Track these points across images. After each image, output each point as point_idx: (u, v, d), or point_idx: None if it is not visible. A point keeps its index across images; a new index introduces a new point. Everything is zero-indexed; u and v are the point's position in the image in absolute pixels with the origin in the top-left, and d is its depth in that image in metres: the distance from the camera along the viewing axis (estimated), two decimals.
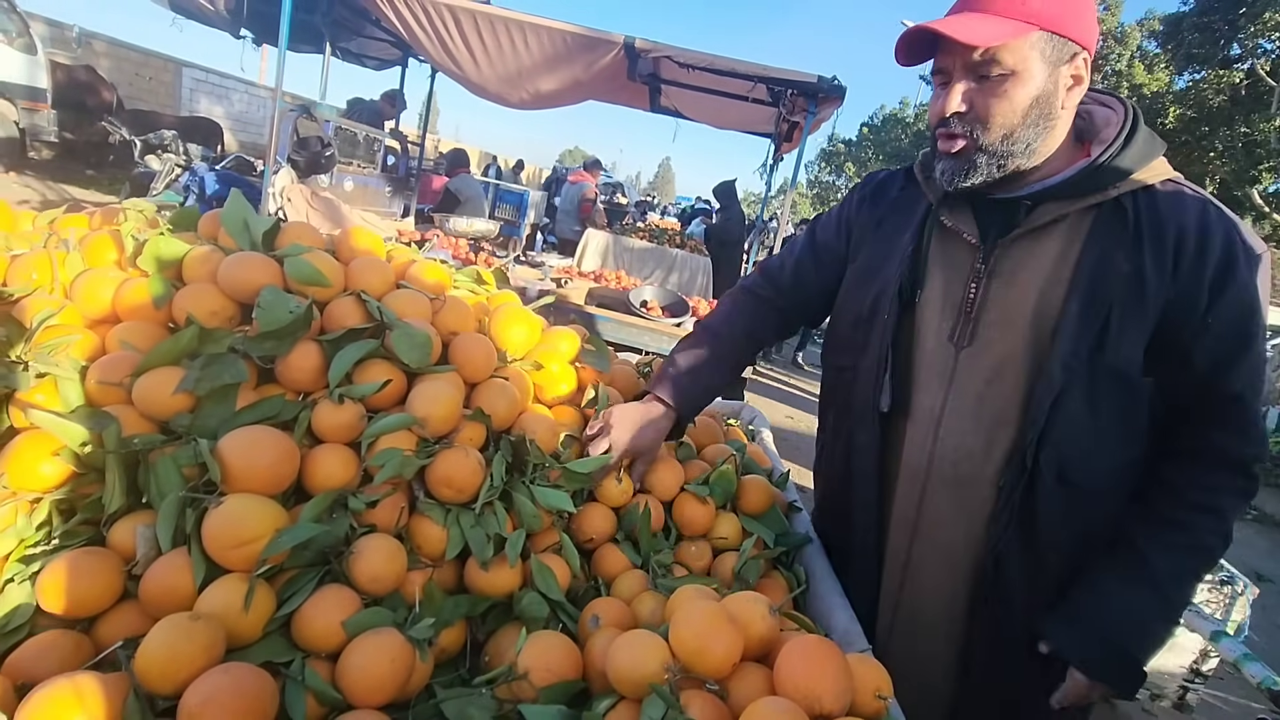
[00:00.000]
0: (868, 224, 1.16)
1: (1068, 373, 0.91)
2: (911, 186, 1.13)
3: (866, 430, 1.09)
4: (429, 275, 1.17)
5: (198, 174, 4.45)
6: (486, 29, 3.87)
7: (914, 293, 1.04)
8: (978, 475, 0.99)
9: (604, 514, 1.09)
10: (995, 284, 0.98)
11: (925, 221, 1.06)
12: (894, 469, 1.08)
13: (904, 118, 29.76)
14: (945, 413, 1.01)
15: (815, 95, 3.89)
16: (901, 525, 1.07)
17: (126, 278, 0.98)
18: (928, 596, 1.07)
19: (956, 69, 0.92)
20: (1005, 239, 0.98)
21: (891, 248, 1.09)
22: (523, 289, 3.79)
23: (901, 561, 1.08)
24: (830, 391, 1.23)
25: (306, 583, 0.77)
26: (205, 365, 0.85)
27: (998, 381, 0.97)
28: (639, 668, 0.71)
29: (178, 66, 12.71)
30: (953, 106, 0.93)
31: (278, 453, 0.81)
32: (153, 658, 0.63)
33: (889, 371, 1.04)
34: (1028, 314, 0.95)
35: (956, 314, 1.01)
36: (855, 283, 1.14)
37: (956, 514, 1.02)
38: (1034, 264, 0.96)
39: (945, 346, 1.02)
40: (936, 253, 1.04)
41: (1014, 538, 0.97)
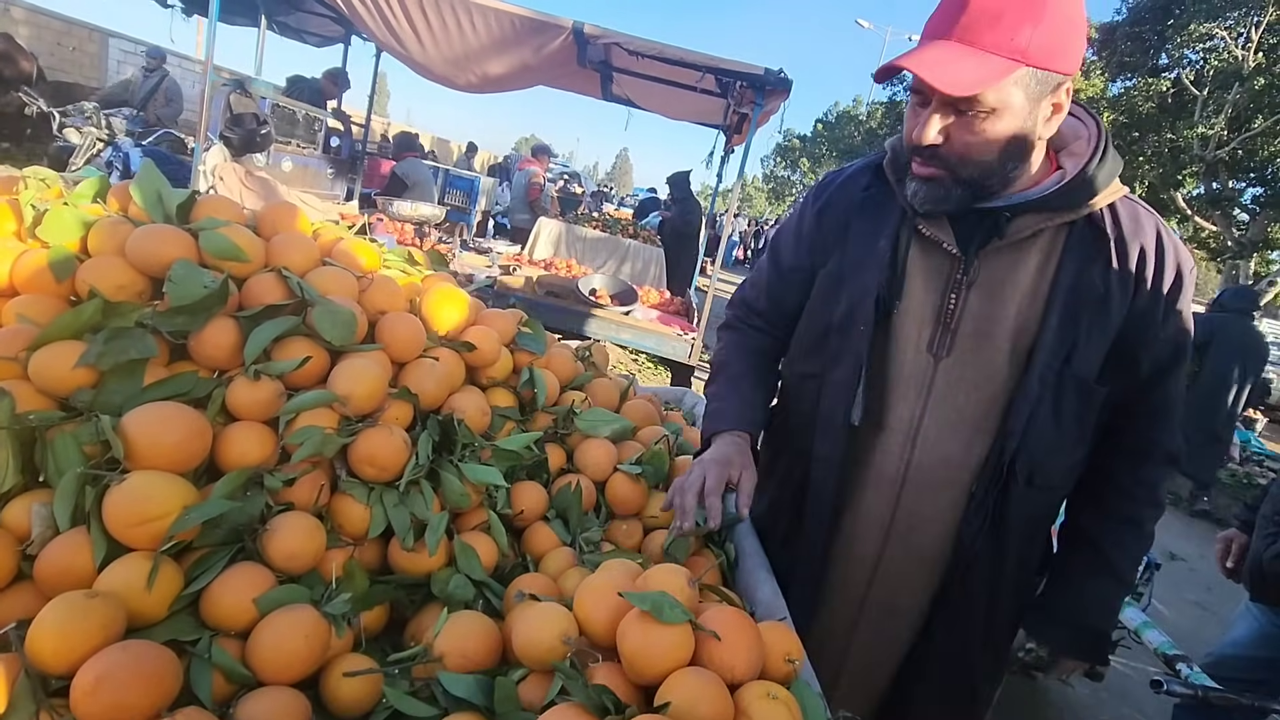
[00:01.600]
0: (831, 230, 1.11)
1: (1043, 385, 0.95)
2: (880, 185, 1.07)
3: (829, 442, 1.06)
4: (356, 253, 1.14)
5: (121, 149, 4.21)
6: (431, 8, 3.77)
7: (892, 303, 1.02)
8: (953, 480, 1.02)
9: (536, 492, 1.10)
10: (975, 295, 0.98)
11: (900, 227, 1.03)
12: (858, 477, 1.07)
13: (857, 114, 30.39)
14: (924, 422, 1.01)
15: (762, 88, 3.93)
16: (872, 530, 1.08)
17: (25, 249, 0.93)
18: (896, 595, 1.10)
19: (935, 97, 0.88)
20: (986, 250, 0.97)
21: (865, 254, 1.04)
22: (469, 276, 3.73)
23: (871, 563, 1.09)
24: (789, 398, 1.18)
25: (217, 561, 0.76)
26: (109, 339, 0.82)
27: (976, 392, 0.99)
28: (538, 641, 0.73)
29: (103, 36, 11.95)
30: (929, 139, 0.89)
31: (187, 429, 0.79)
32: (45, 636, 0.61)
33: (863, 384, 1.01)
34: (1009, 327, 0.97)
35: (935, 324, 1.00)
36: (827, 289, 1.09)
37: (930, 518, 1.04)
38: (1014, 277, 0.97)
39: (923, 356, 1.01)
40: (915, 262, 1.02)
41: (983, 536, 1.02)
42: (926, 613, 1.10)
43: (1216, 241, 14.11)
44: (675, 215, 7.51)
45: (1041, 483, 1.00)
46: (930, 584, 1.08)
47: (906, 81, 0.98)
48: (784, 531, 1.16)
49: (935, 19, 0.89)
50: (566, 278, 4.33)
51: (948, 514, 1.04)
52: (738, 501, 1.01)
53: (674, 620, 0.71)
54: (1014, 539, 1.03)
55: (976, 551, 1.03)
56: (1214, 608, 3.98)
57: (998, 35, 0.82)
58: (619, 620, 0.75)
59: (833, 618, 1.14)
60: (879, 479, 1.06)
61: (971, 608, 1.07)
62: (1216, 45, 12.73)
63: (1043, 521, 1.08)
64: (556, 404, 1.29)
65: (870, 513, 1.07)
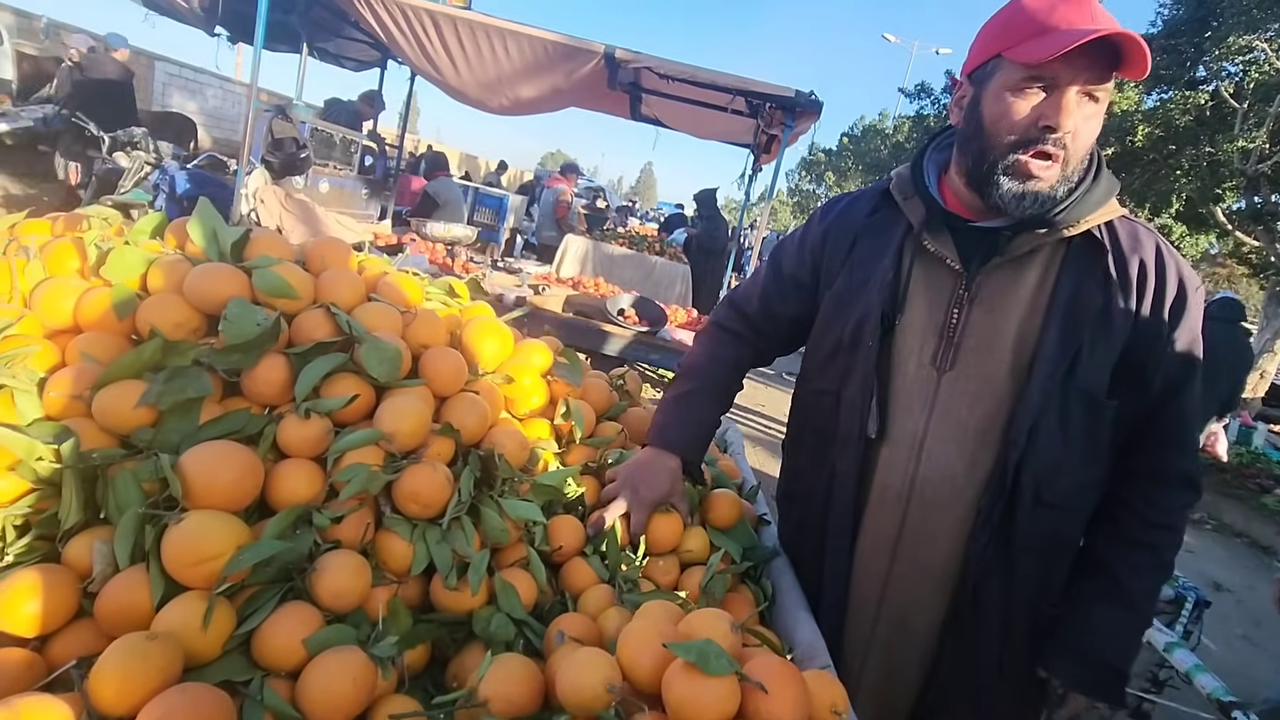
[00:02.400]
0: (838, 250, 1.14)
1: (1045, 396, 0.96)
2: (886, 208, 1.11)
3: (848, 456, 1.09)
4: (401, 287, 1.16)
5: (168, 173, 4.36)
6: (466, 35, 3.86)
7: (895, 317, 1.05)
8: (959, 496, 1.02)
9: (574, 526, 1.10)
10: (977, 310, 1.01)
11: (903, 245, 1.07)
12: (869, 491, 1.09)
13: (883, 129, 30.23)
14: (929, 436, 1.03)
15: (793, 109, 3.94)
16: (880, 545, 1.08)
17: (89, 287, 0.97)
18: (906, 613, 1.09)
19: (1073, 84, 0.87)
20: (987, 266, 1.00)
21: (869, 272, 1.08)
22: (499, 296, 3.78)
23: (881, 580, 1.09)
24: (808, 416, 1.21)
25: (268, 600, 0.77)
26: (169, 379, 0.84)
27: (979, 405, 1.00)
28: (581, 687, 0.72)
29: (150, 60, 12.45)
30: (1069, 120, 0.88)
31: (241, 468, 0.80)
32: (107, 678, 0.62)
33: (874, 397, 1.04)
34: (1009, 341, 0.99)
35: (939, 338, 1.03)
36: (834, 308, 1.13)
37: (937, 534, 1.04)
38: (1015, 292, 0.99)
39: (927, 370, 1.03)
40: (919, 277, 1.05)
41: (992, 555, 1.01)
42: (939, 635, 1.08)
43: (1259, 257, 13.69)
44: (702, 232, 7.53)
45: (1051, 500, 0.99)
46: (940, 604, 1.07)
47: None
48: (812, 552, 1.16)
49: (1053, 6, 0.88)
50: (594, 297, 4.35)
51: (955, 530, 1.03)
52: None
53: (720, 671, 0.70)
54: (1025, 560, 1.01)
55: (985, 570, 1.01)
56: (1264, 643, 3.81)
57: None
58: (663, 667, 0.74)
59: (848, 639, 1.13)
60: (885, 493, 1.07)
61: (984, 632, 1.05)
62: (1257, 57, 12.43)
63: (1058, 545, 1.06)
64: (593, 435, 1.30)
65: (878, 528, 1.08)
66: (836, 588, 1.13)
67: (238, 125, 13.97)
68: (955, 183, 1.06)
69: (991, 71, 0.94)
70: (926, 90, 18.67)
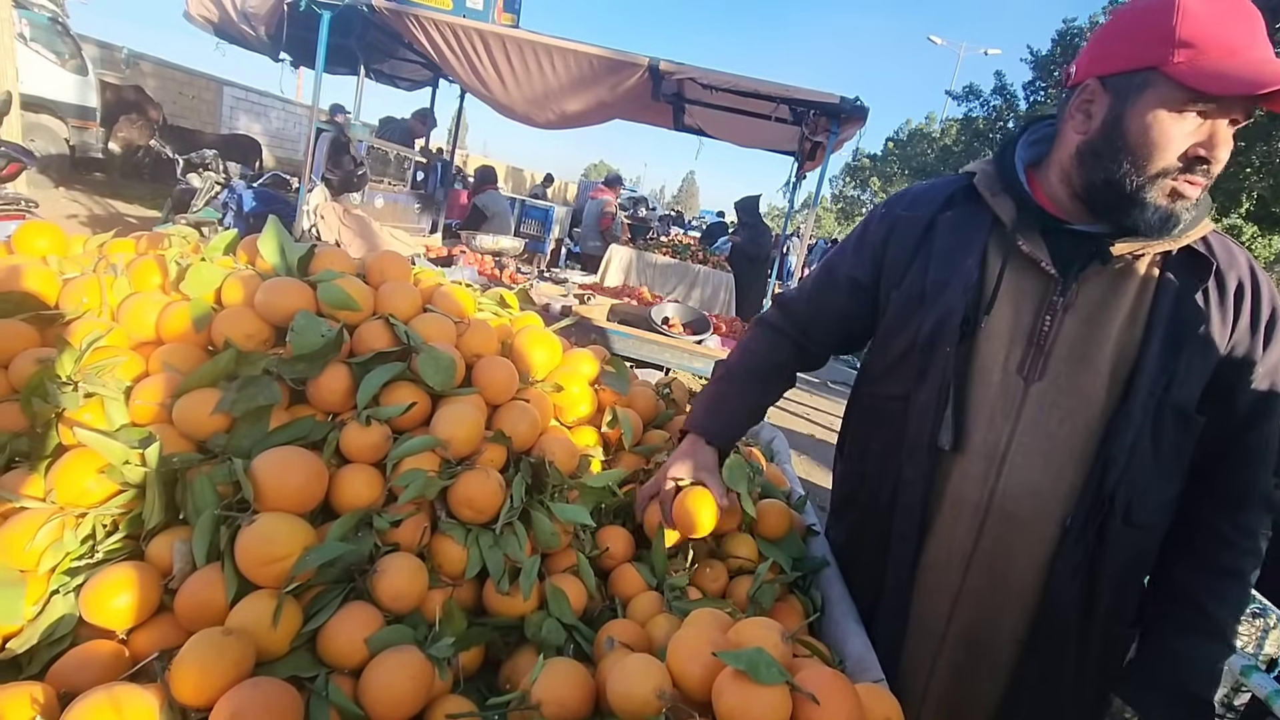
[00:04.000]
0: (904, 246, 1.08)
1: (1144, 412, 0.92)
2: (966, 204, 1.05)
3: (917, 465, 1.04)
4: (455, 299, 1.20)
5: (236, 191, 4.61)
6: (515, 52, 3.96)
7: (978, 321, 0.99)
8: (1043, 512, 0.97)
9: (622, 534, 1.11)
10: (1071, 318, 0.96)
11: (988, 244, 1.01)
12: (938, 502, 1.04)
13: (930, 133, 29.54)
14: (1012, 448, 0.98)
15: (838, 115, 3.90)
16: (953, 560, 1.03)
17: (169, 301, 1.03)
18: (979, 631, 1.04)
19: (1234, 116, 0.84)
20: (1086, 272, 0.95)
21: (949, 272, 1.02)
22: (546, 305, 3.84)
23: (952, 595, 1.04)
24: (872, 422, 1.16)
25: (331, 599, 0.80)
26: (241, 387, 0.89)
27: (1070, 419, 0.95)
28: (632, 693, 0.73)
29: (219, 85, 13.18)
30: (1225, 154, 0.85)
31: (307, 473, 0.84)
32: (186, 671, 0.66)
33: (950, 406, 0.99)
34: (1108, 352, 0.94)
35: (1026, 346, 0.97)
36: (907, 308, 1.06)
37: (1017, 551, 1.00)
38: (1114, 300, 0.95)
39: (1012, 379, 0.98)
40: (1008, 280, 0.99)
41: (1077, 575, 0.97)
42: (1014, 659, 1.03)
43: None
44: (745, 240, 7.49)
45: (1139, 519, 0.95)
46: (1018, 624, 1.02)
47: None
48: (870, 561, 1.12)
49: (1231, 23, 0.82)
50: (639, 306, 4.37)
51: (1038, 548, 0.98)
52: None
53: (771, 681, 0.70)
54: (1109, 583, 0.97)
55: (1069, 592, 0.97)
56: None
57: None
58: (713, 675, 0.74)
59: (911, 654, 1.09)
60: (960, 505, 1.02)
61: (1061, 659, 1.01)
62: None
63: (1137, 567, 1.02)
64: (640, 443, 1.31)
65: (951, 541, 1.03)
66: (898, 598, 1.09)
67: (298, 144, 14.63)
68: (1052, 184, 1.00)
69: (1142, 85, 0.85)
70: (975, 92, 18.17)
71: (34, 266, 1.06)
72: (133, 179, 9.68)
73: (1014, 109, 17.46)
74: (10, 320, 0.97)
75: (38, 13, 8.01)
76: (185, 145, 6.27)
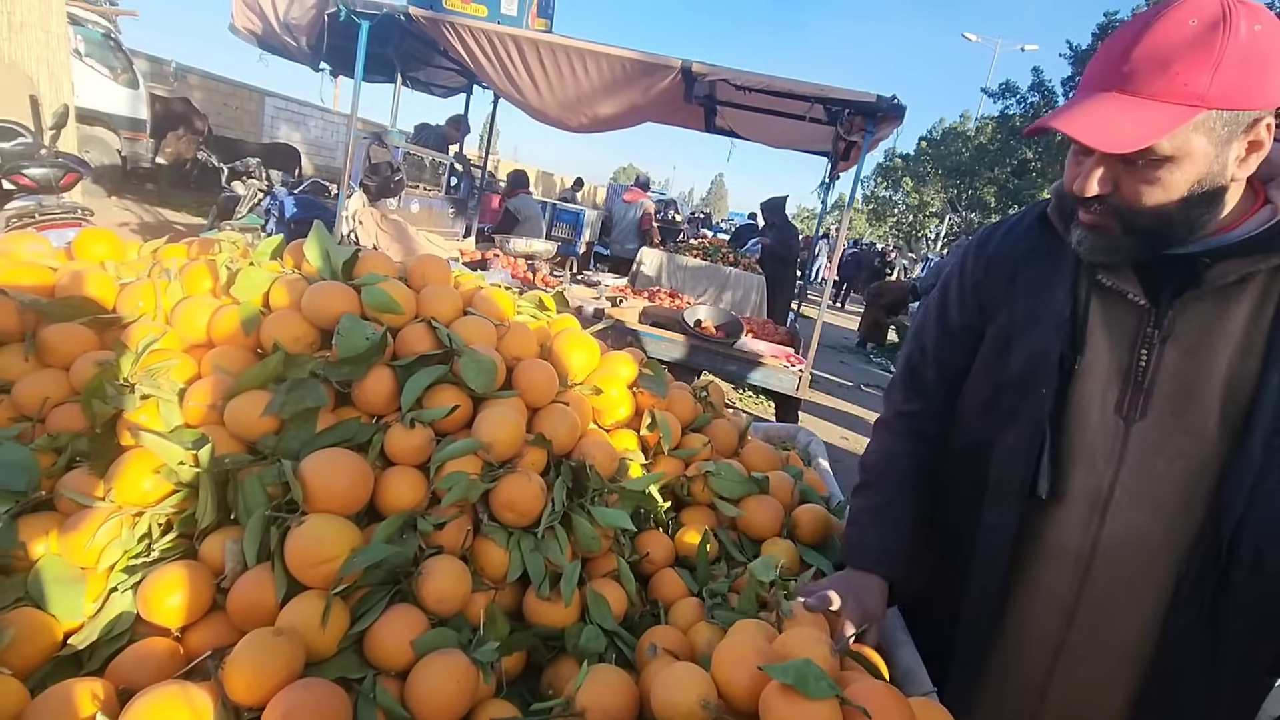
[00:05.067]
0: (999, 284, 1.02)
1: (1269, 452, 0.82)
2: (1048, 233, 0.98)
3: (1002, 511, 0.97)
4: (495, 302, 1.21)
5: (278, 198, 4.73)
6: (548, 57, 3.99)
7: (1074, 360, 0.92)
8: (1154, 562, 0.90)
9: (662, 540, 1.10)
10: (1171, 351, 0.87)
11: (1077, 277, 0.94)
12: (1029, 551, 0.97)
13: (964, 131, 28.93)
14: (1115, 493, 0.90)
15: (874, 115, 3.83)
16: (1053, 613, 0.96)
17: (220, 305, 1.05)
18: (1084, 691, 0.97)
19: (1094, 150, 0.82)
20: (1181, 299, 0.87)
21: (1039, 307, 0.96)
22: (578, 308, 3.85)
23: (1052, 649, 0.97)
24: (955, 467, 1.08)
25: (377, 601, 0.81)
26: (290, 390, 0.90)
27: (1180, 460, 0.87)
28: (677, 702, 0.72)
29: (261, 96, 13.57)
30: (1090, 190, 0.82)
31: (354, 475, 0.85)
32: (240, 671, 0.66)
33: (1048, 451, 0.92)
34: (1218, 386, 0.85)
35: (1124, 384, 0.90)
36: (996, 348, 1.00)
37: (1126, 603, 0.92)
38: (1220, 329, 0.85)
39: (1111, 420, 0.91)
40: (1096, 314, 0.92)
41: (1196, 630, 0.89)
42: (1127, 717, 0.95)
43: None
44: (775, 241, 7.43)
45: (1275, 569, 0.85)
46: (1129, 684, 0.93)
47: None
48: (943, 611, 1.05)
49: (1094, 69, 0.82)
50: (671, 308, 4.36)
51: (1148, 600, 0.90)
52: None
53: (820, 695, 0.68)
54: (1237, 637, 0.87)
55: (1187, 646, 0.88)
56: None
57: (1168, 82, 0.75)
58: (760, 686, 0.72)
59: (1004, 710, 1.01)
60: (1059, 554, 0.94)
61: (1182, 716, 0.92)
62: None
63: (1275, 615, 0.89)
64: (679, 446, 1.29)
65: (1049, 591, 0.95)
66: (971, 650, 1.01)
67: (335, 151, 14.97)
68: None
69: None
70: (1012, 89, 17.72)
71: (93, 272, 1.09)
72: (179, 188, 10.02)
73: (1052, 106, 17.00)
74: (71, 324, 1.00)
75: (92, 29, 8.35)
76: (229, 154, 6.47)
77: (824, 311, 4.28)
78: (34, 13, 4.43)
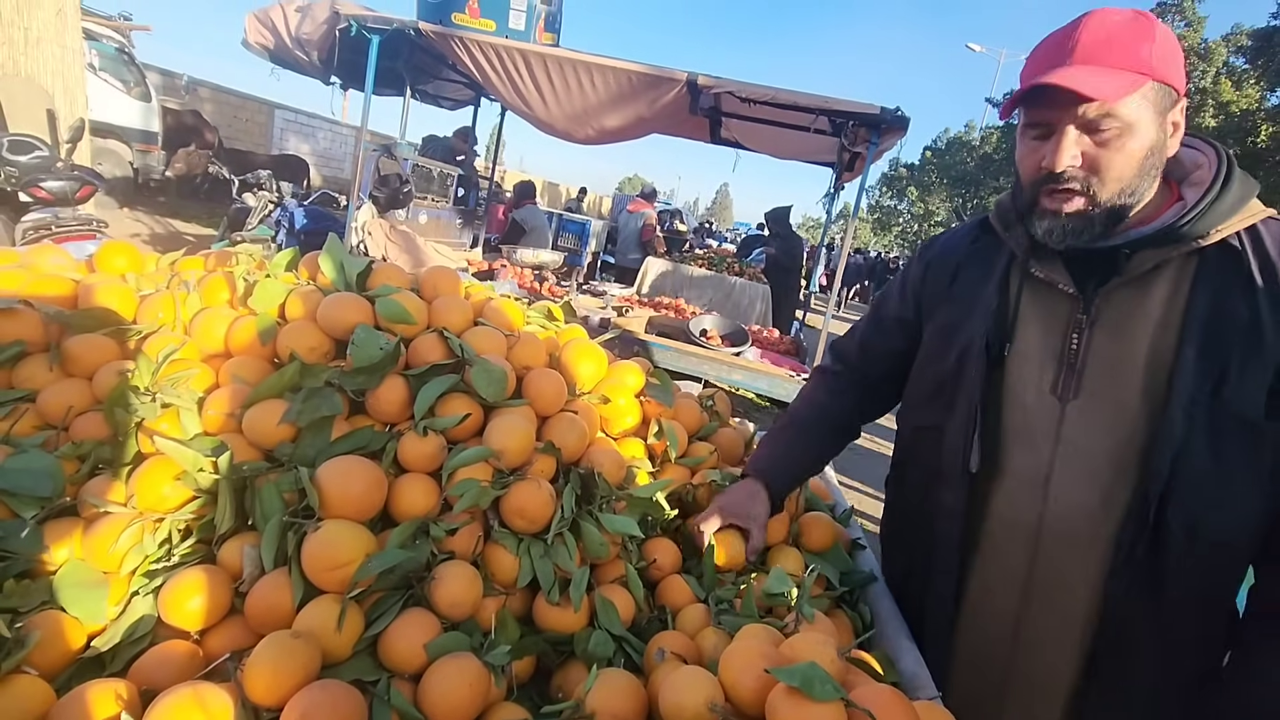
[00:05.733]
0: (938, 284, 1.13)
1: (1189, 419, 0.87)
2: (987, 238, 1.10)
3: (953, 491, 1.05)
4: (505, 312, 1.23)
5: (288, 209, 4.79)
6: (555, 70, 4.04)
7: (1002, 347, 1.01)
8: (1095, 534, 0.95)
9: (670, 546, 1.11)
10: (1100, 334, 0.95)
11: (1008, 273, 1.04)
12: (984, 528, 1.04)
13: (969, 140, 28.98)
14: (1055, 469, 0.97)
15: (878, 126, 3.86)
16: (1008, 588, 1.02)
17: (238, 316, 1.08)
18: (1042, 660, 1.02)
19: (1063, 124, 0.89)
20: (1106, 288, 0.95)
21: (972, 302, 1.06)
22: (585, 318, 3.88)
23: (1010, 625, 1.02)
24: (910, 454, 1.19)
25: (391, 605, 0.82)
26: (306, 399, 0.92)
27: (1111, 434, 0.94)
28: (684, 705, 0.73)
29: (270, 109, 13.75)
30: (1065, 161, 0.89)
31: (368, 481, 0.87)
32: (259, 672, 0.68)
33: (978, 430, 1.01)
34: (1140, 364, 0.92)
35: (1058, 366, 0.97)
36: (936, 341, 1.11)
37: (1074, 575, 0.97)
38: (1141, 312, 0.93)
39: (1047, 400, 0.98)
40: (1028, 305, 1.01)
41: (1138, 598, 0.93)
42: (1079, 688, 0.99)
43: None
44: (779, 251, 7.46)
45: (1209, 538, 0.89)
46: (1082, 653, 0.98)
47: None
48: (918, 594, 1.11)
49: (1040, 57, 0.91)
50: (677, 318, 4.38)
51: (1094, 571, 0.95)
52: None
53: (825, 697, 0.69)
54: (1179, 607, 0.92)
55: (1130, 616, 0.92)
56: None
57: (1118, 54, 0.85)
58: (766, 689, 0.73)
59: (974, 684, 1.06)
60: (1010, 530, 1.01)
61: (1134, 688, 0.96)
62: None
63: (1216, 586, 0.94)
64: (685, 455, 1.31)
65: (1005, 565, 1.02)
66: (939, 622, 1.08)
67: (344, 163, 15.12)
68: None
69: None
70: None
71: (113, 284, 1.12)
72: (190, 199, 10.14)
73: None
74: (94, 335, 1.03)
75: (106, 43, 8.50)
76: (240, 166, 6.56)
77: (829, 321, 4.30)
78: (50, 28, 4.51)
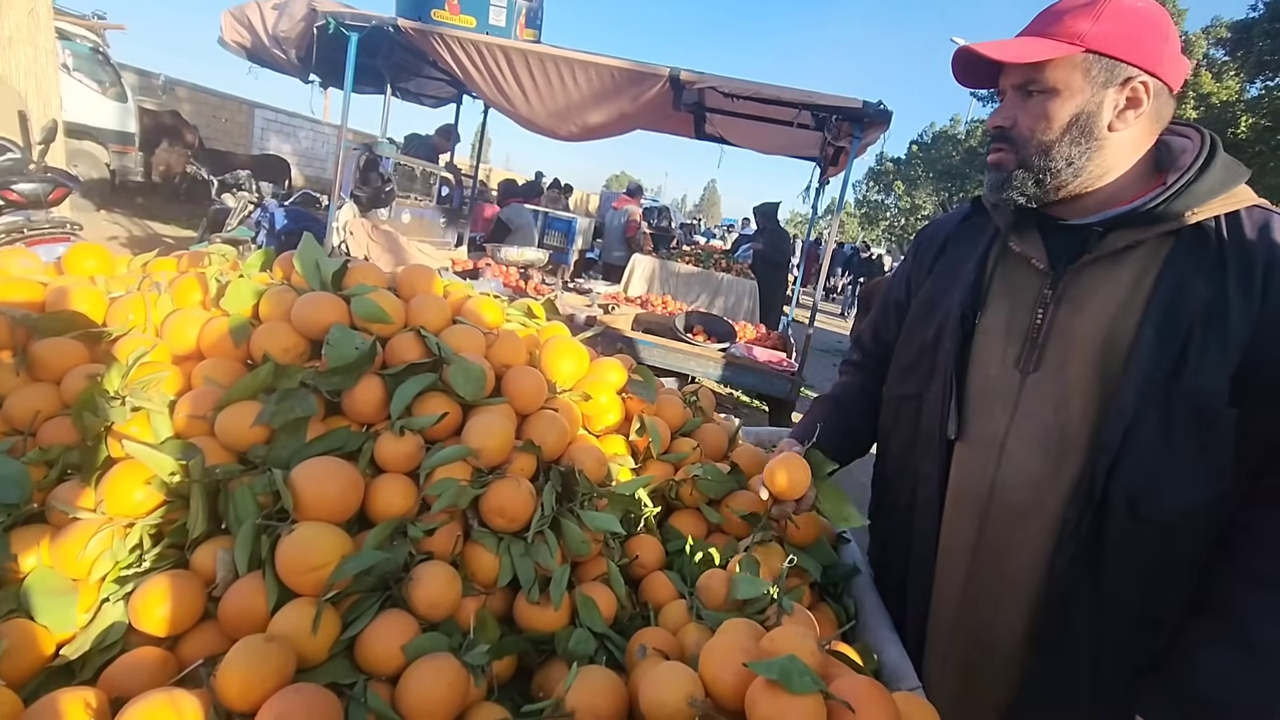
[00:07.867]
0: (923, 260, 1.20)
1: (1141, 399, 0.88)
2: (978, 216, 1.14)
3: (931, 459, 1.08)
4: (483, 310, 1.22)
5: (268, 210, 4.74)
6: (537, 67, 4.02)
7: (974, 318, 1.05)
8: (1042, 503, 0.97)
9: (653, 543, 1.11)
10: (1064, 310, 0.98)
11: (990, 248, 1.08)
12: (949, 494, 1.08)
13: (955, 134, 29.17)
14: (1009, 438, 1.00)
15: (861, 120, 3.88)
16: (960, 551, 1.06)
17: (210, 317, 1.06)
18: (986, 626, 1.04)
19: (1008, 89, 0.99)
20: (1075, 265, 0.97)
21: (955, 276, 1.11)
22: (571, 316, 3.87)
23: (959, 586, 1.06)
24: (894, 422, 1.21)
25: (369, 607, 0.81)
26: (280, 400, 0.91)
27: (1065, 408, 0.96)
28: (664, 700, 0.73)
29: (250, 108, 13.57)
30: (995, 121, 1.00)
31: (344, 483, 0.86)
32: (232, 677, 0.67)
33: (954, 397, 1.05)
34: (1097, 340, 0.94)
35: (1023, 340, 1.00)
36: (920, 313, 1.16)
37: (1019, 542, 1.00)
38: (1105, 290, 0.95)
39: (1009, 372, 1.01)
40: (1001, 278, 1.06)
41: (1080, 570, 0.94)
42: (1023, 657, 1.01)
43: None
44: (767, 246, 7.48)
45: (1153, 516, 0.89)
46: (1025, 620, 1.00)
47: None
48: (897, 564, 1.15)
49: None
50: (663, 315, 4.38)
51: (1038, 540, 0.97)
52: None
53: (804, 690, 0.69)
54: (1122, 580, 0.92)
55: (1072, 586, 0.95)
56: None
57: (1059, 27, 0.93)
58: (747, 682, 0.73)
59: (936, 645, 1.10)
60: (964, 496, 1.04)
61: (1074, 657, 0.97)
62: None
63: (1162, 567, 0.93)
64: (668, 450, 1.31)
65: (958, 533, 1.06)
66: (919, 599, 1.11)
67: (326, 163, 14.96)
68: None
69: None
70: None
71: (82, 286, 1.10)
72: (169, 201, 10.00)
73: None
74: (61, 338, 1.01)
75: (80, 43, 8.35)
76: (219, 167, 6.48)
77: (815, 315, 4.31)
78: (22, 28, 4.43)
